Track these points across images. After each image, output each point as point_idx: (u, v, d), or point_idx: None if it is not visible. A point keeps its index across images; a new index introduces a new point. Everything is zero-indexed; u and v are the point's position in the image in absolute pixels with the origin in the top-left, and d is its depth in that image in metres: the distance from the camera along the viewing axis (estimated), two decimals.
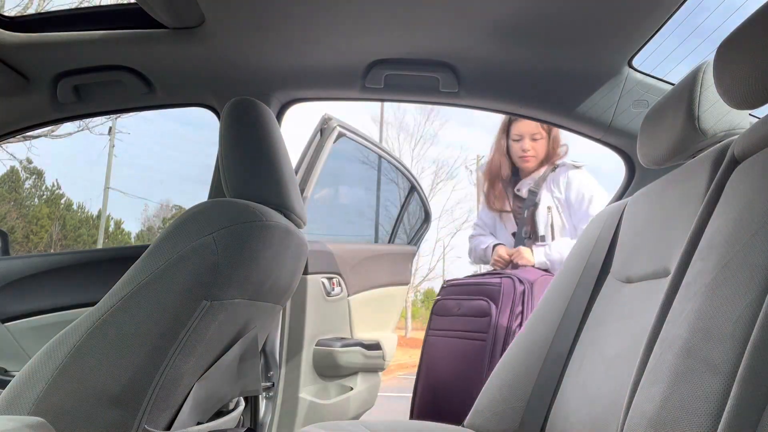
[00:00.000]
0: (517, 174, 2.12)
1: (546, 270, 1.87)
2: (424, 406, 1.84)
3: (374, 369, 1.98)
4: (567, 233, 1.95)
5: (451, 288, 1.93)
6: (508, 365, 1.29)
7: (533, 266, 1.90)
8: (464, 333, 1.81)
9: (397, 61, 1.43)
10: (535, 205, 2.02)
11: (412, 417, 1.84)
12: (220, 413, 1.18)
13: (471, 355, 1.74)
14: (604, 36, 1.28)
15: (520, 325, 1.71)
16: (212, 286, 0.94)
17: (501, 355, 1.62)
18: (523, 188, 2.06)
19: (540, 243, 1.96)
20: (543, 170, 2.04)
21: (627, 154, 1.58)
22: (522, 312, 1.72)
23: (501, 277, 1.78)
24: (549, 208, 1.99)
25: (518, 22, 1.25)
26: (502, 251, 2.01)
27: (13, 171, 20.02)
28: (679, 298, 0.73)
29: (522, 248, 1.97)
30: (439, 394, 1.82)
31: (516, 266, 1.93)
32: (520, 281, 1.75)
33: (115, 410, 0.86)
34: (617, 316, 1.07)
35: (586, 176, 1.98)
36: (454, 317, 1.85)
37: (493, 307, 1.74)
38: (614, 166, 1.76)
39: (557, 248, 1.91)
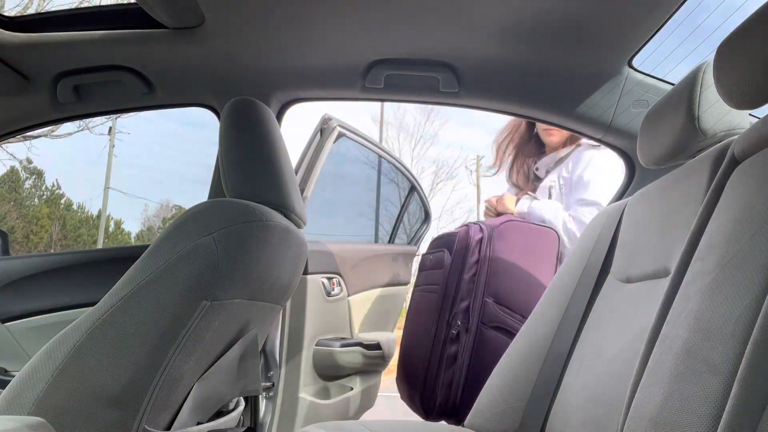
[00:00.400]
0: (542, 150, 2.00)
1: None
2: (399, 362, 1.88)
3: (374, 369, 1.98)
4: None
5: (431, 242, 1.92)
6: (508, 365, 1.29)
7: (512, 214, 1.84)
8: (425, 287, 1.80)
9: (397, 61, 1.43)
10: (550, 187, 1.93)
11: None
12: (220, 413, 1.18)
13: (426, 309, 1.72)
14: (604, 36, 1.28)
15: (475, 275, 1.60)
16: (212, 286, 0.94)
17: (452, 308, 1.61)
18: (542, 168, 1.96)
19: (530, 195, 1.91)
20: (566, 150, 1.90)
21: (627, 154, 1.58)
22: (478, 261, 1.60)
23: (468, 226, 1.69)
24: (550, 187, 1.90)
25: (518, 23, 1.25)
26: (492, 199, 1.97)
27: (13, 171, 20.03)
28: (679, 298, 0.73)
29: (506, 195, 1.92)
30: (405, 348, 1.84)
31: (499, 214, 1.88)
32: (481, 229, 1.64)
33: (115, 410, 0.86)
34: (617, 316, 1.07)
35: (599, 158, 1.81)
36: (425, 271, 1.85)
37: (448, 257, 1.66)
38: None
39: (543, 205, 1.82)
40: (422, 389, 1.65)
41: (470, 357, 1.55)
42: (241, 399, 1.27)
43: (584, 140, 1.86)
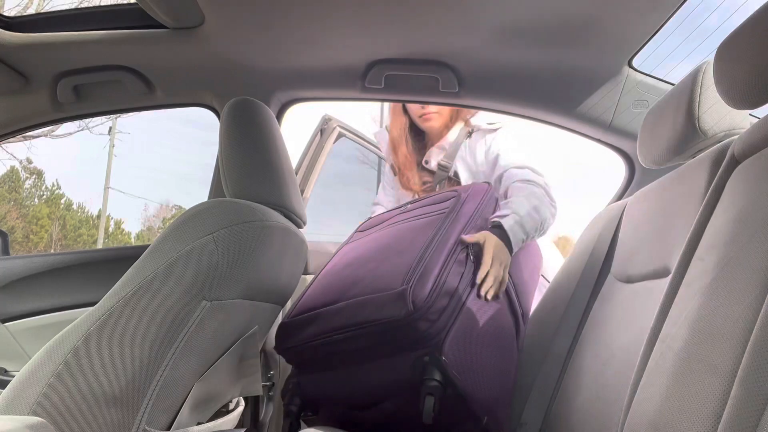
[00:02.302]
0: (422, 141, 1.74)
1: None
2: None
3: None
4: None
5: None
6: None
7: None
8: None
9: (397, 61, 1.43)
10: (449, 180, 1.67)
11: None
12: (220, 413, 1.18)
13: None
14: (604, 36, 1.28)
15: None
16: (212, 286, 0.94)
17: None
18: (432, 159, 1.70)
19: None
20: (454, 135, 1.67)
21: (627, 154, 1.58)
22: None
23: None
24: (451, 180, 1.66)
25: (518, 23, 1.25)
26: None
27: (13, 171, 20.03)
28: (679, 298, 0.73)
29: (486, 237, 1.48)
30: None
31: None
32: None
33: (115, 410, 0.86)
34: (617, 316, 1.07)
35: (505, 137, 1.61)
36: None
37: None
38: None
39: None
40: None
41: None
42: (241, 399, 1.27)
43: (473, 119, 1.66)
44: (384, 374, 1.12)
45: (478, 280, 1.21)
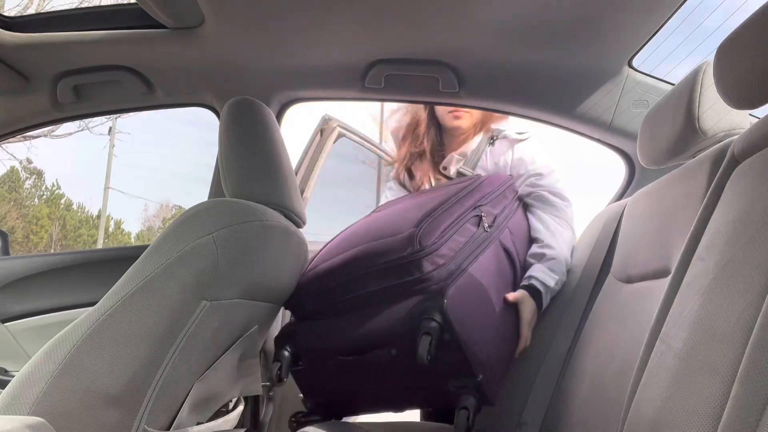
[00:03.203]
0: (441, 145, 1.62)
1: None
2: None
3: None
4: None
5: None
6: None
7: None
8: None
9: (397, 61, 1.43)
10: None
11: None
12: (220, 413, 1.18)
13: None
14: (604, 36, 1.28)
15: None
16: (212, 286, 0.94)
17: None
18: (452, 166, 1.56)
19: None
20: (476, 143, 1.56)
21: (627, 154, 1.58)
22: None
23: None
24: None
25: (518, 22, 1.25)
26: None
27: (13, 171, 20.04)
28: (679, 298, 0.73)
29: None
30: None
31: None
32: None
33: (115, 410, 0.86)
34: (617, 316, 1.07)
35: (537, 149, 1.51)
36: None
37: None
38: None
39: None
40: None
41: None
42: (241, 399, 1.27)
43: (496, 127, 1.56)
44: (385, 319, 1.11)
45: (517, 356, 1.25)
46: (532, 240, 1.41)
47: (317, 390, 1.26)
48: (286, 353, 1.19)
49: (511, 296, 1.25)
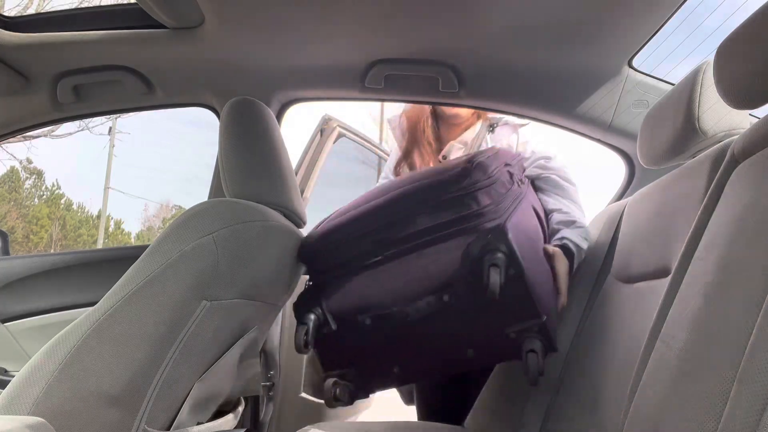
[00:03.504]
0: (438, 133, 1.61)
1: None
2: None
3: None
4: None
5: None
6: (507, 365, 1.29)
7: None
8: None
9: (397, 61, 1.43)
10: None
11: None
12: (220, 413, 1.18)
13: None
14: (604, 36, 1.28)
15: None
16: (212, 286, 0.94)
17: None
18: (452, 155, 1.55)
19: None
20: (475, 131, 1.56)
21: (627, 154, 1.58)
22: None
23: None
24: None
25: (518, 22, 1.25)
26: None
27: (13, 171, 20.03)
28: (679, 298, 0.73)
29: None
30: None
31: None
32: None
33: (115, 410, 0.86)
34: (617, 316, 1.07)
35: (535, 131, 1.54)
36: None
37: None
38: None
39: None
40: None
41: None
42: (241, 399, 1.27)
43: (491, 114, 1.57)
44: (434, 262, 1.02)
45: (559, 309, 1.20)
46: (546, 214, 1.36)
47: (347, 358, 1.13)
48: (313, 315, 1.08)
49: (550, 248, 1.20)
